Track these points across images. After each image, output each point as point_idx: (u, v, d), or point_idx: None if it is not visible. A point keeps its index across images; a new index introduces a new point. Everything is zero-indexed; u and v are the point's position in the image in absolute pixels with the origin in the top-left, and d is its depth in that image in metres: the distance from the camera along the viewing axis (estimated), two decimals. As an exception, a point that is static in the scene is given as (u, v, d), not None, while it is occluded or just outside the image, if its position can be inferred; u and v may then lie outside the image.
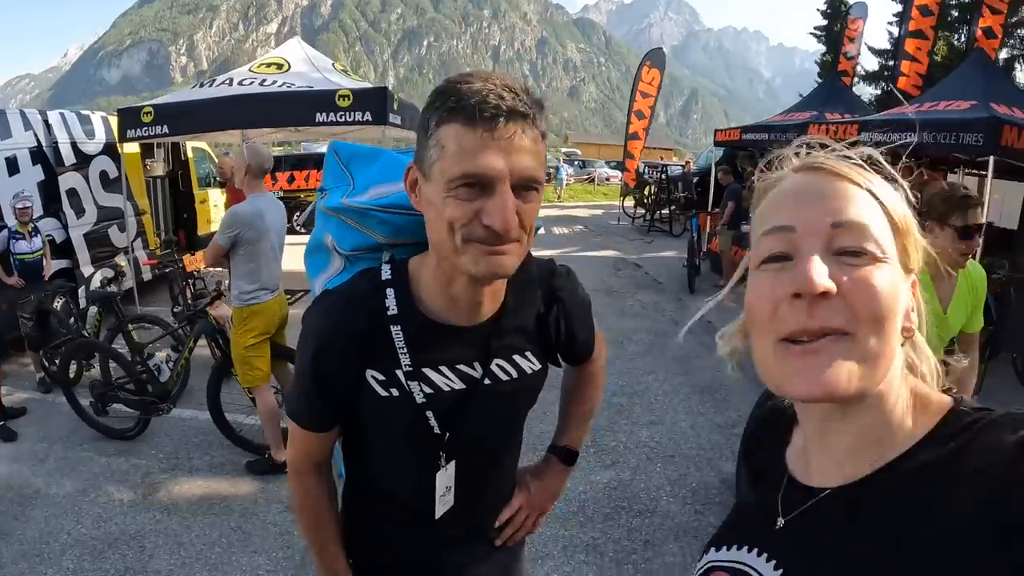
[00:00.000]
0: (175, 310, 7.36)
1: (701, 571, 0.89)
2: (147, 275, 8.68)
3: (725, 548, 0.88)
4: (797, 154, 0.79)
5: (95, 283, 6.92)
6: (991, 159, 6.39)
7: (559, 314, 1.38)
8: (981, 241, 2.83)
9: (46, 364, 5.79)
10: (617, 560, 3.56)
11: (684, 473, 4.48)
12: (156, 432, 4.87)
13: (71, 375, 5.26)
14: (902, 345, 0.73)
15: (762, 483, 0.92)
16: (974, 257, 2.91)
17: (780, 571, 0.77)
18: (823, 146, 0.78)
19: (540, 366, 1.38)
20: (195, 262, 7.23)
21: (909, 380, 0.76)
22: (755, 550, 0.83)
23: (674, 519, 3.94)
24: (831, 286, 0.66)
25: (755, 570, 0.81)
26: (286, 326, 4.51)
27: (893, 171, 0.76)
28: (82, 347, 5.35)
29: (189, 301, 6.98)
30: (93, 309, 6.02)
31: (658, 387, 6.14)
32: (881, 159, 0.76)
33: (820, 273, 0.67)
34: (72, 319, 6.15)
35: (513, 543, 1.56)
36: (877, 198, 0.72)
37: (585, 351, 1.54)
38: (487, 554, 1.52)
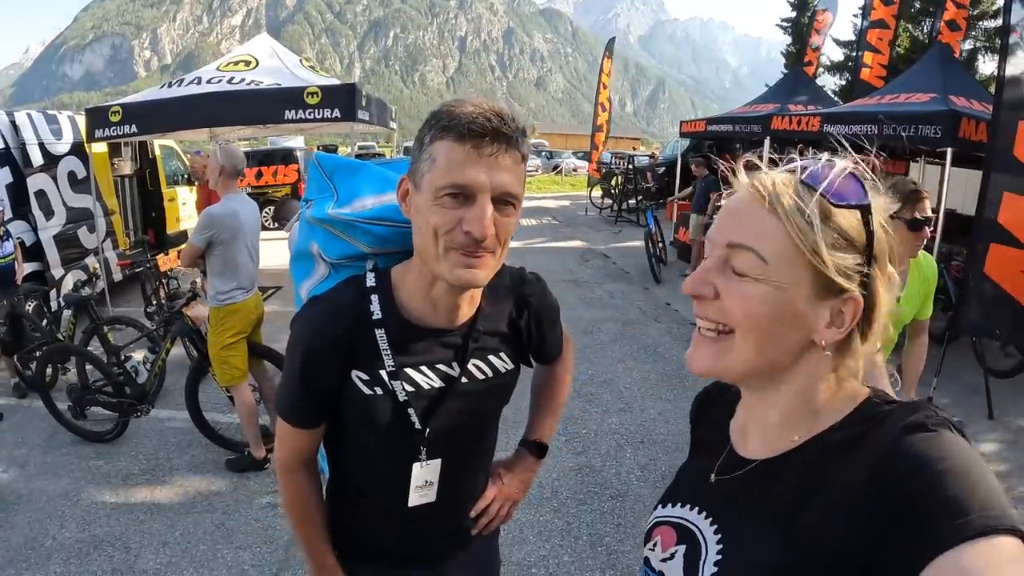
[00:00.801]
0: (148, 310, 7.33)
1: (649, 527, 1.05)
2: (118, 276, 8.62)
3: (669, 505, 1.03)
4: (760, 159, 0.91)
5: (68, 286, 6.90)
6: (949, 151, 6.59)
7: (530, 318, 1.51)
8: (930, 232, 2.96)
9: (20, 369, 5.76)
10: (591, 543, 3.68)
11: (653, 458, 4.63)
12: (135, 434, 4.90)
13: (47, 379, 5.25)
14: (825, 350, 0.85)
15: (705, 451, 1.06)
16: (933, 244, 3.05)
17: (714, 526, 0.92)
18: (797, 146, 0.92)
19: (513, 366, 1.50)
20: (168, 262, 7.23)
21: (837, 374, 0.87)
22: (696, 508, 0.98)
23: (645, 502, 4.06)
24: (704, 293, 0.86)
25: (693, 524, 0.96)
26: (262, 324, 4.57)
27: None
28: (58, 351, 5.34)
29: (163, 301, 6.98)
30: (67, 312, 6.00)
31: (627, 375, 6.26)
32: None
33: (689, 282, 0.88)
34: (45, 322, 6.13)
35: (488, 532, 1.67)
36: (780, 219, 0.81)
37: (554, 351, 1.67)
38: (465, 543, 1.63)
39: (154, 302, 7.29)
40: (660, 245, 10.78)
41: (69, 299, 5.26)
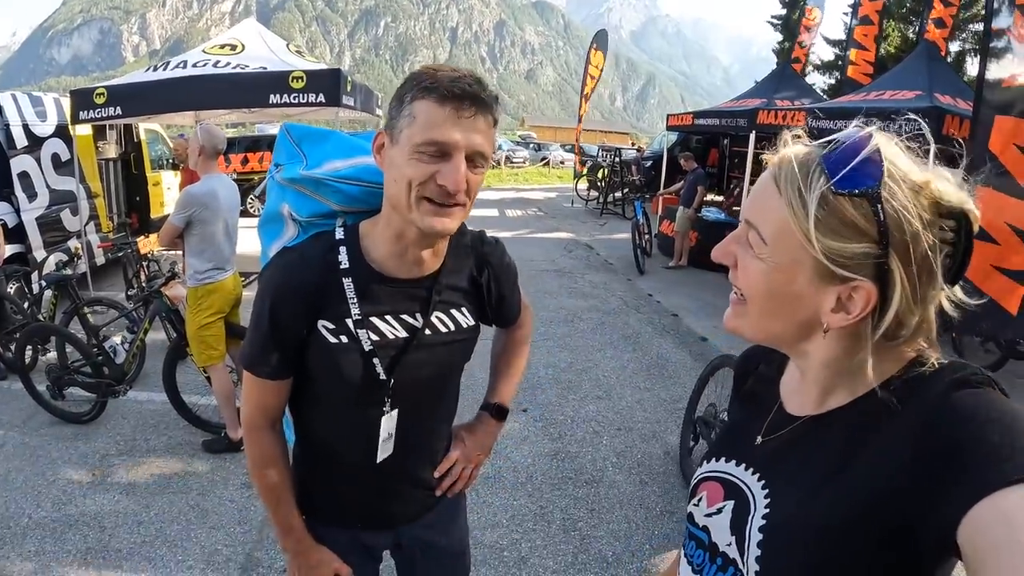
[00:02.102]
0: (129, 293, 7.32)
1: (695, 481, 1.08)
2: (100, 259, 8.59)
3: (716, 460, 1.07)
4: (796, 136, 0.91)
5: (50, 266, 6.87)
6: (932, 147, 6.63)
7: (489, 276, 1.57)
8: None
9: (0, 351, 5.76)
10: (564, 527, 3.71)
11: (630, 445, 4.66)
12: (113, 415, 4.89)
13: (27, 360, 5.24)
14: (826, 332, 0.87)
15: (752, 406, 1.10)
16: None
17: (762, 482, 0.94)
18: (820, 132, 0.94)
19: (474, 322, 1.56)
20: (149, 244, 7.22)
21: (872, 343, 0.85)
22: (743, 464, 1.00)
23: (619, 489, 4.11)
24: (724, 260, 0.94)
25: (740, 480, 0.98)
26: (240, 305, 4.57)
27: None
28: (38, 331, 5.32)
29: (143, 283, 6.96)
30: (48, 293, 5.99)
31: (606, 364, 6.30)
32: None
33: (719, 249, 0.95)
34: (27, 304, 6.11)
35: (452, 494, 1.71)
36: (785, 207, 0.83)
37: (512, 313, 1.73)
38: (433, 504, 1.68)
39: (135, 285, 7.27)
40: (647, 237, 10.84)
41: (50, 278, 5.26)
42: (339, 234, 1.40)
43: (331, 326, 1.37)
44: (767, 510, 0.90)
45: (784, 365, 1.07)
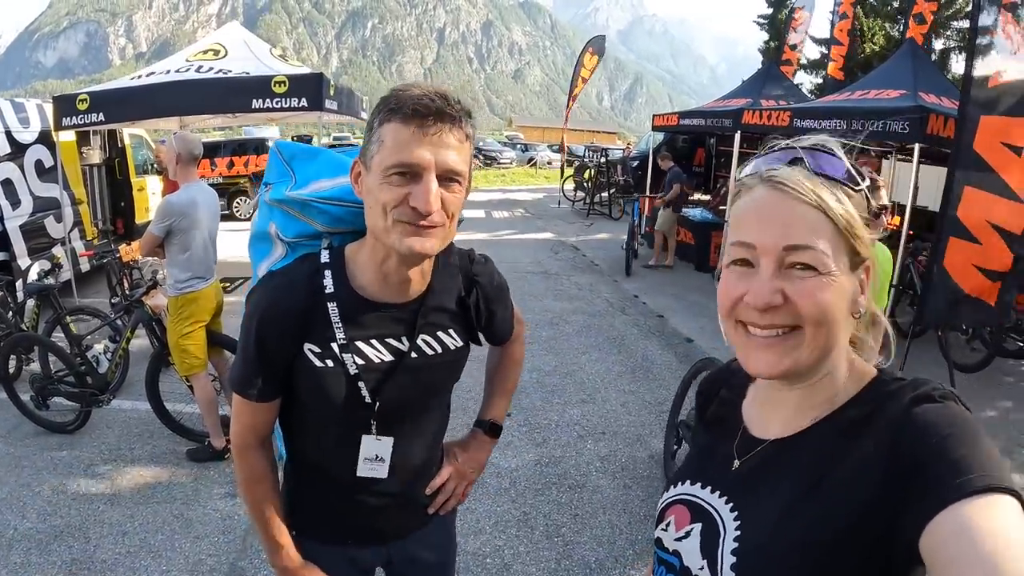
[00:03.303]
0: (113, 301, 7.29)
1: (663, 505, 1.08)
2: (85, 266, 8.55)
3: (681, 484, 1.07)
4: (768, 150, 0.94)
5: (33, 275, 6.84)
6: (916, 146, 6.69)
7: (478, 296, 1.57)
8: (888, 223, 3.02)
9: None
10: (547, 533, 3.72)
11: (614, 450, 4.68)
12: (97, 424, 4.88)
13: (11, 370, 5.22)
14: (857, 318, 0.92)
15: (717, 429, 1.10)
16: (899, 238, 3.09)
17: (730, 504, 0.95)
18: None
19: (462, 343, 1.56)
20: (131, 252, 7.18)
21: (848, 352, 0.94)
22: (708, 487, 1.01)
23: (603, 494, 4.12)
24: (776, 302, 0.86)
25: (707, 503, 0.99)
26: (221, 313, 4.57)
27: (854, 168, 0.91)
28: (21, 341, 5.30)
29: (127, 291, 6.94)
30: (31, 302, 5.96)
31: (591, 367, 6.31)
32: (838, 150, 0.90)
33: (768, 293, 0.86)
34: (10, 313, 6.09)
35: (444, 511, 1.72)
36: (825, 212, 0.85)
37: (504, 331, 1.73)
38: (423, 522, 1.69)
39: (119, 293, 7.25)
40: (639, 239, 10.83)
41: (32, 287, 5.23)
42: (324, 257, 1.41)
43: (317, 349, 1.38)
44: (738, 532, 0.91)
45: (745, 389, 1.09)
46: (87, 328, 5.46)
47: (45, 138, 8.05)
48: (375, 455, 1.50)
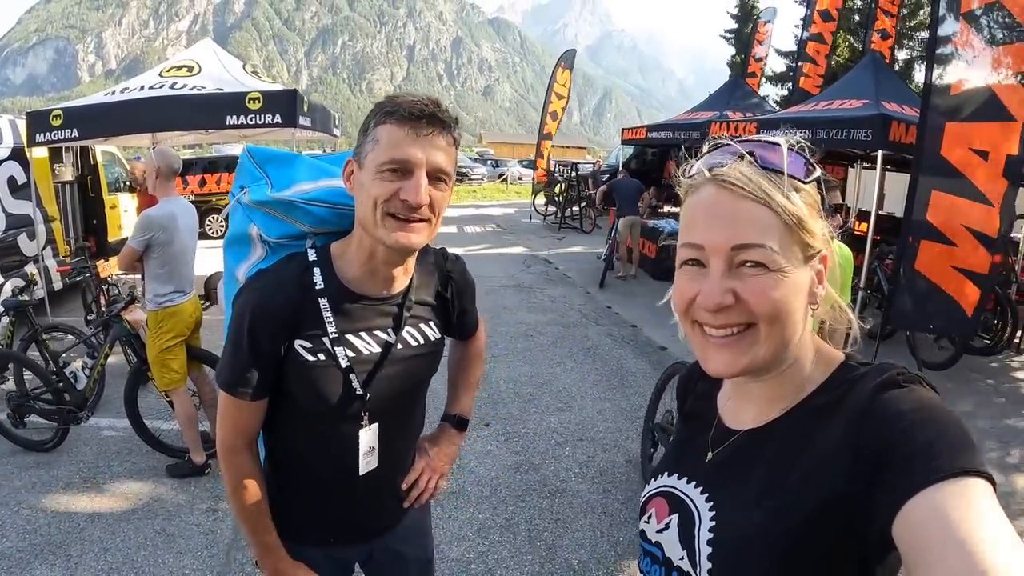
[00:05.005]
0: (88, 318, 7.23)
1: (645, 498, 1.10)
2: (58, 284, 8.46)
3: (662, 476, 1.10)
4: (712, 148, 0.94)
5: (6, 292, 6.77)
6: (880, 153, 6.89)
7: (453, 291, 1.69)
8: (842, 220, 3.11)
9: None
10: (530, 538, 3.77)
11: (592, 455, 4.74)
12: (75, 442, 4.84)
13: (-15, 388, 5.16)
14: (814, 310, 0.93)
15: (694, 423, 1.13)
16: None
17: (705, 495, 0.97)
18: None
19: (440, 335, 1.65)
20: (108, 268, 7.13)
21: (815, 340, 0.96)
22: (685, 478, 1.03)
23: (583, 498, 4.18)
24: (727, 302, 0.86)
25: (684, 493, 1.01)
26: (200, 328, 4.57)
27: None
28: (-4, 358, 5.26)
29: (103, 309, 6.89)
30: (5, 319, 5.90)
31: (567, 376, 6.38)
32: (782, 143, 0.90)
33: (718, 294, 0.87)
34: (-17, 331, 6.02)
35: (419, 505, 1.77)
36: (772, 207, 0.85)
37: (472, 325, 1.84)
38: (401, 516, 1.74)
39: (95, 310, 7.19)
40: (616, 253, 10.97)
41: (7, 304, 5.18)
42: (312, 255, 1.47)
43: (308, 345, 1.43)
44: (713, 523, 0.92)
45: (721, 381, 1.10)
46: (62, 345, 5.42)
47: (18, 154, 7.96)
48: (369, 447, 1.55)
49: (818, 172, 0.90)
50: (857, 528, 0.77)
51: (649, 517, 1.06)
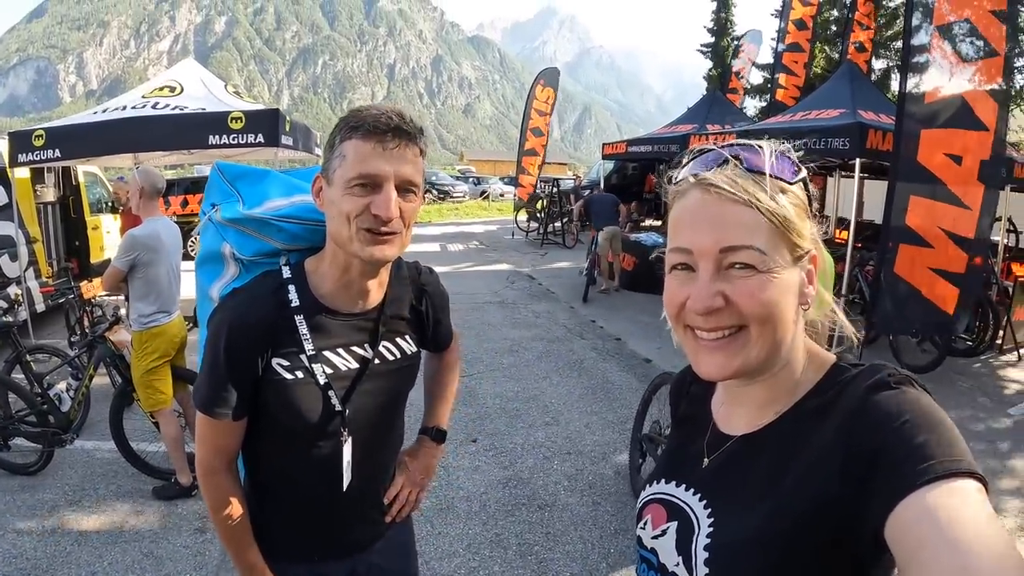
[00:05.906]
0: (72, 339, 7.18)
1: (640, 504, 1.10)
2: (40, 306, 8.37)
3: (657, 482, 1.09)
4: (697, 154, 0.94)
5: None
6: (858, 161, 7.01)
7: (428, 304, 1.70)
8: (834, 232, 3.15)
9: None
10: (521, 552, 3.77)
11: (580, 468, 4.75)
12: (60, 465, 4.80)
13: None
14: (805, 311, 0.93)
15: (688, 427, 1.13)
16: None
17: (704, 502, 0.97)
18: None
19: (416, 349, 1.67)
20: (92, 289, 7.09)
21: (807, 342, 0.96)
22: (683, 485, 1.03)
23: (573, 511, 4.19)
24: (717, 305, 0.86)
25: (682, 501, 1.01)
26: (185, 348, 4.55)
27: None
28: (-23, 381, 5.20)
29: (87, 330, 6.85)
30: (-13, 342, 5.85)
31: (553, 391, 6.40)
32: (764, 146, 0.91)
33: (707, 297, 0.87)
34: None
35: (400, 518, 1.77)
36: (758, 209, 0.85)
37: (447, 337, 1.85)
38: (383, 532, 1.74)
39: (78, 332, 7.14)
40: (598, 268, 11.01)
41: (-9, 325, 5.14)
42: (286, 272, 1.46)
43: (285, 363, 1.43)
44: (711, 529, 0.92)
45: (714, 385, 1.10)
46: (46, 367, 5.38)
47: (0, 175, 7.93)
48: (346, 461, 1.55)
49: (804, 173, 0.92)
50: (851, 529, 0.77)
51: (645, 523, 1.06)
